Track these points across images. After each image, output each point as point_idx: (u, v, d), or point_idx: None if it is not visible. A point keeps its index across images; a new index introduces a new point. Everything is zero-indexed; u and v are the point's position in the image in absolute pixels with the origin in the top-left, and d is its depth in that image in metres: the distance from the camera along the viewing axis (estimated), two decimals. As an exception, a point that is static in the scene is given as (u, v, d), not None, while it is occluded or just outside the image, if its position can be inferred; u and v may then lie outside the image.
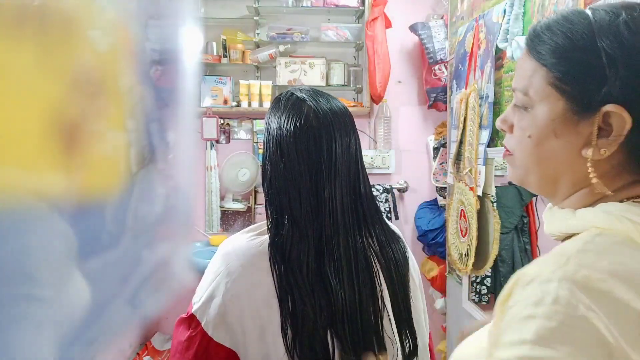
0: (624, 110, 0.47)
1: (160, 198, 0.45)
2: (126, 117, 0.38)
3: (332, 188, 0.74)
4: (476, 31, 1.74)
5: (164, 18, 0.46)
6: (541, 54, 0.52)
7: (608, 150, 0.48)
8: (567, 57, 0.50)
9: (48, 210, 0.30)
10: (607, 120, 0.48)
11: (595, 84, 0.48)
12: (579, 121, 0.49)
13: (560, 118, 0.51)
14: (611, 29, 0.47)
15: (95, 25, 0.34)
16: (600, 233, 0.45)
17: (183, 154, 0.50)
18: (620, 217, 0.45)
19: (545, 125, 0.52)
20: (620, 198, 0.50)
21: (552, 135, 0.52)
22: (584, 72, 0.49)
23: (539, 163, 0.54)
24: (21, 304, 0.28)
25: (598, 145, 0.48)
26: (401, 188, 2.78)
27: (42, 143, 0.29)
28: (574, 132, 0.50)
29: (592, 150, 0.49)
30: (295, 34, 2.64)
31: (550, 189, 0.55)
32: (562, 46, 0.50)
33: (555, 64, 0.50)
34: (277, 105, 0.78)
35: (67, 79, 0.31)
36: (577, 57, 0.49)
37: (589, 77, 0.48)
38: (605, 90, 0.47)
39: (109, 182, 0.37)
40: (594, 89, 0.48)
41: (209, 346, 0.70)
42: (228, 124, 2.71)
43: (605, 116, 0.48)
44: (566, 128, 0.50)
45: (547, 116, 0.52)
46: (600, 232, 0.45)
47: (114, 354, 2.17)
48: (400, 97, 2.76)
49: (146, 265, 0.43)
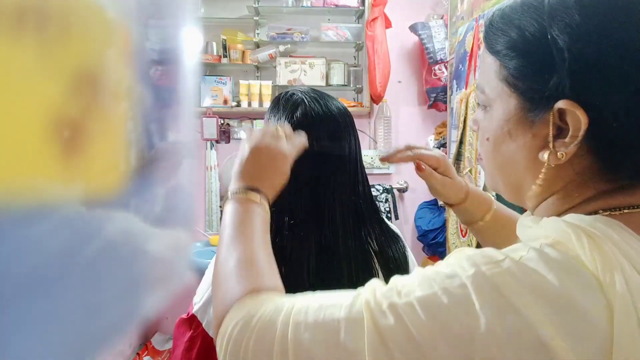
0: (578, 107, 0.40)
1: (160, 198, 0.45)
2: (126, 117, 0.38)
3: (331, 188, 0.74)
4: (476, 31, 1.74)
5: (164, 18, 0.46)
6: (494, 48, 0.47)
7: (567, 153, 0.42)
8: (516, 48, 0.44)
9: (48, 210, 0.30)
10: (564, 118, 0.42)
11: (544, 77, 0.42)
12: (534, 121, 0.44)
13: (514, 118, 0.46)
14: (562, 12, 0.41)
15: (96, 25, 0.34)
16: (550, 244, 0.40)
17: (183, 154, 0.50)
18: (578, 231, 0.40)
19: (500, 126, 0.47)
20: (593, 208, 0.44)
21: (508, 137, 0.47)
22: (534, 65, 0.43)
23: (499, 168, 0.50)
24: (21, 304, 0.28)
25: (555, 148, 0.43)
26: (401, 188, 2.78)
27: (42, 143, 0.29)
28: (529, 133, 0.45)
29: (549, 154, 0.43)
30: (295, 34, 2.64)
31: (518, 196, 0.51)
32: (513, 37, 0.44)
33: (506, 57, 0.45)
34: (276, 106, 0.78)
35: (67, 79, 0.31)
36: (527, 48, 0.43)
37: (538, 70, 0.43)
38: (554, 84, 0.41)
39: (109, 182, 0.37)
40: (543, 83, 0.42)
41: (211, 347, 0.71)
42: (228, 124, 2.71)
43: (561, 114, 0.42)
44: (521, 129, 0.45)
45: (501, 116, 0.47)
46: (551, 244, 0.41)
47: (114, 354, 2.17)
48: (400, 97, 2.76)
49: (146, 266, 0.43)
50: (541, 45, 0.42)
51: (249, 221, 0.59)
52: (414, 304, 0.40)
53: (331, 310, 0.43)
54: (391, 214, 2.67)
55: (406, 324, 0.39)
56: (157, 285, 0.45)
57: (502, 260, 0.40)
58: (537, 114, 0.44)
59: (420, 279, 0.42)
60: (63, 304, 0.32)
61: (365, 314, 0.41)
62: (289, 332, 0.43)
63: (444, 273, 0.41)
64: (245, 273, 0.52)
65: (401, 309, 0.40)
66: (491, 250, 0.42)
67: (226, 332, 0.47)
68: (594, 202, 0.44)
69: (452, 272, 0.41)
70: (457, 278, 0.40)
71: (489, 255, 0.41)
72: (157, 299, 0.43)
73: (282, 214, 0.74)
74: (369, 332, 0.40)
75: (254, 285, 0.51)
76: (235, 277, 0.52)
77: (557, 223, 0.43)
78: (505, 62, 0.46)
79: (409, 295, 0.41)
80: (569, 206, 0.46)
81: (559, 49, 0.41)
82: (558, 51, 0.41)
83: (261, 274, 0.53)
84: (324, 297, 0.46)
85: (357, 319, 0.41)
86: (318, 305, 0.44)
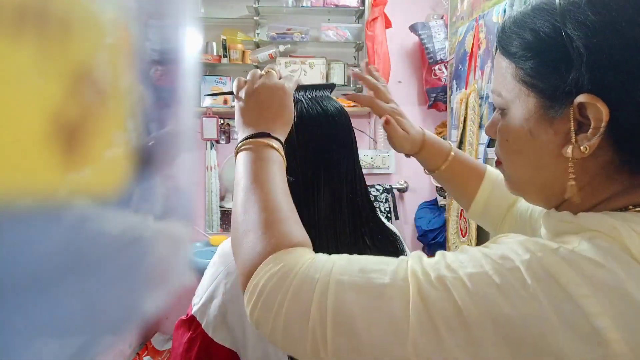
0: (598, 100, 0.42)
1: (160, 198, 0.45)
2: (126, 117, 0.38)
3: (329, 188, 0.74)
4: (476, 31, 1.74)
5: (164, 18, 0.45)
6: (509, 51, 0.48)
7: (590, 146, 0.43)
8: (532, 49, 0.46)
9: (48, 210, 0.30)
10: (585, 113, 0.43)
11: (562, 73, 0.43)
12: (554, 118, 0.45)
13: (533, 116, 0.47)
14: (575, 12, 0.43)
15: (96, 25, 0.34)
16: (601, 237, 0.41)
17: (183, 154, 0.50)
18: (623, 224, 0.41)
19: (520, 126, 0.48)
20: (623, 204, 0.45)
21: (529, 137, 0.47)
22: (550, 63, 0.45)
23: (523, 169, 0.50)
24: (21, 303, 0.28)
25: (577, 142, 0.44)
26: (401, 188, 2.78)
27: (42, 143, 0.29)
28: (550, 130, 0.46)
29: (572, 148, 0.44)
30: (295, 34, 2.64)
31: (543, 196, 0.51)
32: (527, 40, 0.46)
33: (522, 58, 0.47)
34: (276, 105, 0.78)
35: (67, 79, 0.31)
36: (542, 47, 0.45)
37: (555, 67, 0.44)
38: (573, 80, 0.43)
39: (109, 182, 0.37)
40: (562, 79, 0.44)
41: (210, 347, 0.70)
42: (228, 124, 2.71)
43: (581, 108, 0.43)
44: (542, 127, 0.46)
45: (520, 116, 0.48)
46: (601, 237, 0.41)
47: (114, 354, 2.17)
48: (400, 97, 2.76)
49: (146, 266, 0.43)
50: (556, 44, 0.44)
51: (266, 168, 0.56)
52: (464, 279, 0.40)
53: (374, 275, 0.43)
54: (391, 214, 2.67)
55: (454, 298, 0.39)
56: (157, 285, 0.45)
57: (557, 249, 0.40)
58: (557, 110, 0.45)
59: (469, 257, 0.42)
60: (63, 303, 0.32)
61: (411, 282, 0.41)
62: (328, 291, 0.43)
63: (495, 254, 0.41)
64: (271, 224, 0.50)
65: (450, 282, 0.40)
66: (542, 239, 0.42)
67: (258, 284, 0.46)
68: (622, 198, 0.45)
69: (503, 254, 0.41)
70: (509, 261, 0.40)
71: (543, 243, 0.41)
72: (157, 299, 0.43)
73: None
74: (414, 302, 0.40)
75: (284, 238, 0.49)
76: (262, 228, 0.50)
77: (602, 217, 0.44)
78: (521, 63, 0.47)
79: (458, 271, 0.41)
80: (596, 201, 0.47)
81: (575, 46, 0.42)
82: (574, 48, 0.42)
83: (289, 225, 0.51)
84: (363, 260, 0.46)
85: (402, 287, 0.41)
86: (359, 267, 0.44)
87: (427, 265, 0.42)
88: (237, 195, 0.56)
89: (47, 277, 0.30)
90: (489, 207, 0.78)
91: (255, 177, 0.55)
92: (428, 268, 0.42)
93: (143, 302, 0.42)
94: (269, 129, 0.61)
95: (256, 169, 0.56)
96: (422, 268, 0.42)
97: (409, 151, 0.79)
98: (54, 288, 0.31)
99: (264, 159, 0.57)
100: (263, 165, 0.56)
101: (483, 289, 0.39)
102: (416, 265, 0.43)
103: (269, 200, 0.53)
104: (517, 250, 0.41)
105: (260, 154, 0.57)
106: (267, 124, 0.61)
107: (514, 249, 0.41)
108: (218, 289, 0.72)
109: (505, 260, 0.40)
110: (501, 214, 0.78)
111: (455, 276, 0.40)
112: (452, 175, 0.79)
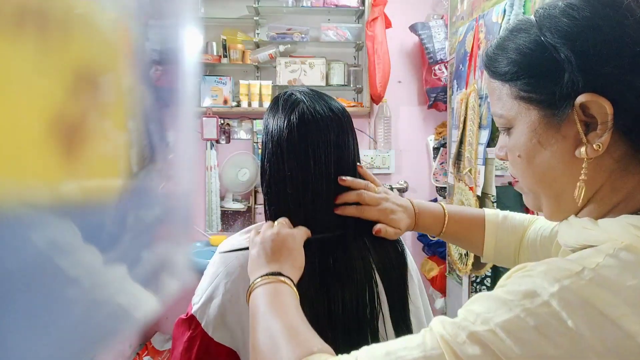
0: (599, 96, 0.43)
1: (160, 198, 0.45)
2: (126, 117, 0.38)
3: (329, 188, 0.74)
4: (476, 31, 1.74)
5: (164, 18, 0.46)
6: (498, 72, 0.50)
7: (602, 143, 0.44)
8: (520, 65, 0.48)
9: (47, 210, 0.30)
10: (588, 112, 0.44)
11: (555, 81, 0.45)
12: (560, 123, 0.46)
13: (540, 127, 0.48)
14: (552, 22, 0.45)
15: (96, 25, 0.34)
16: (624, 248, 0.40)
17: (183, 154, 0.50)
18: None
19: (529, 139, 0.49)
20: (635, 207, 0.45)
21: (539, 147, 0.48)
22: (541, 74, 0.46)
23: (539, 181, 0.51)
24: (21, 304, 0.28)
25: (589, 141, 0.44)
26: (401, 188, 2.78)
27: (42, 143, 0.29)
28: (559, 136, 0.47)
29: (586, 148, 0.45)
30: (295, 34, 2.64)
31: (560, 207, 0.51)
32: (512, 59, 0.48)
33: (513, 76, 0.48)
34: (275, 106, 0.78)
35: (68, 79, 0.31)
36: (529, 63, 0.47)
37: (547, 77, 0.46)
38: (568, 84, 0.44)
39: (109, 182, 0.37)
40: (557, 86, 0.45)
41: (210, 346, 0.71)
42: (228, 124, 2.71)
43: (583, 109, 0.44)
44: (550, 135, 0.47)
45: (526, 130, 0.49)
46: (624, 247, 0.40)
47: (114, 354, 2.17)
48: (400, 97, 2.76)
49: (146, 266, 0.43)
50: (542, 55, 0.46)
51: (281, 297, 0.59)
52: (497, 331, 0.38)
53: (402, 352, 0.42)
54: (391, 214, 2.67)
55: (493, 352, 0.38)
56: (158, 286, 0.45)
57: (581, 272, 0.39)
58: (561, 116, 0.46)
59: (493, 304, 0.40)
60: (63, 303, 0.32)
61: (443, 348, 0.40)
62: None
63: (517, 292, 0.40)
64: (293, 339, 0.52)
65: (483, 336, 0.38)
66: (560, 261, 0.41)
67: None
68: (633, 199, 0.46)
69: (528, 290, 0.39)
70: (537, 297, 0.38)
71: (565, 268, 0.40)
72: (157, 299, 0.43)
73: (281, 214, 0.74)
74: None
75: (307, 349, 0.50)
76: (284, 343, 0.52)
77: (625, 226, 0.43)
78: (513, 82, 0.49)
79: (488, 322, 0.39)
80: (617, 200, 0.47)
81: (561, 53, 0.44)
82: (561, 55, 0.44)
83: (309, 338, 0.52)
84: (382, 345, 0.45)
85: (436, 355, 0.40)
86: (384, 352, 0.43)
87: (453, 326, 0.41)
88: (254, 323, 0.58)
89: (46, 277, 0.30)
90: (500, 248, 0.80)
91: (272, 306, 0.57)
92: (455, 329, 0.40)
93: (143, 303, 0.42)
94: (281, 269, 0.64)
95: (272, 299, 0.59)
96: (449, 330, 0.41)
97: (407, 230, 0.80)
98: (54, 288, 0.31)
99: (278, 291, 0.60)
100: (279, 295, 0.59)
101: (520, 336, 0.37)
102: (441, 329, 0.42)
103: (288, 321, 0.55)
104: (542, 283, 0.39)
105: (275, 287, 0.61)
106: (279, 264, 0.65)
107: (537, 283, 0.40)
108: (218, 288, 0.72)
109: (534, 298, 0.38)
110: (514, 250, 0.79)
111: (487, 328, 0.39)
112: (456, 231, 0.81)
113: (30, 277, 0.29)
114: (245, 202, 2.75)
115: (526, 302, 0.38)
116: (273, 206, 0.75)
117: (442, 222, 0.80)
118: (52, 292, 0.31)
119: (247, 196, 2.75)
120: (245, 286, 0.66)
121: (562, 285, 0.38)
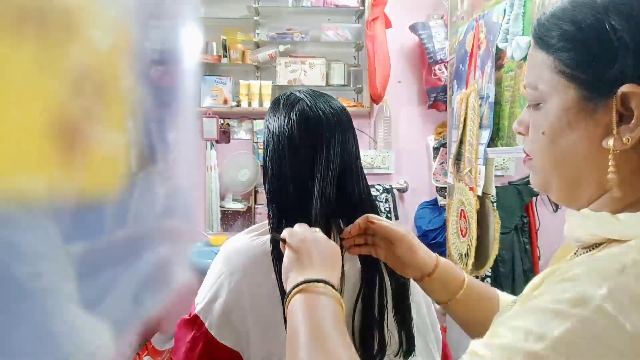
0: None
1: (161, 198, 0.45)
2: (126, 117, 0.38)
3: (331, 187, 0.74)
4: (476, 31, 1.74)
5: (164, 18, 0.45)
6: (547, 43, 0.48)
7: (632, 137, 0.42)
8: (573, 40, 0.45)
9: (47, 210, 0.30)
10: (627, 103, 0.43)
11: (605, 64, 0.43)
12: (595, 109, 0.44)
13: (573, 108, 0.46)
14: (618, 3, 0.43)
15: (96, 25, 0.34)
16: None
17: (183, 154, 0.50)
18: None
19: (558, 117, 0.47)
20: None
21: (567, 128, 0.46)
22: (593, 54, 0.44)
23: (556, 162, 0.49)
24: (19, 304, 0.28)
25: (619, 133, 0.43)
26: (401, 188, 2.78)
27: (42, 143, 0.29)
28: (591, 122, 0.45)
29: (614, 140, 0.43)
30: (295, 34, 2.64)
31: (572, 193, 0.49)
32: (567, 31, 0.46)
33: (561, 50, 0.46)
34: (276, 105, 0.78)
35: (67, 79, 0.31)
36: (584, 39, 0.45)
37: (599, 58, 0.44)
38: (617, 70, 0.43)
39: (109, 182, 0.37)
40: (605, 70, 0.43)
41: (213, 347, 0.71)
42: (228, 124, 2.71)
43: (623, 99, 0.43)
44: (582, 118, 0.45)
45: (559, 107, 0.47)
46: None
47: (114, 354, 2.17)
48: (400, 97, 2.76)
49: (146, 266, 0.43)
50: (599, 35, 0.44)
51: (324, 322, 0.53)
52: (555, 346, 0.36)
53: None
54: (391, 214, 2.67)
55: None
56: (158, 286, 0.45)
57: (622, 270, 0.38)
58: (598, 101, 0.44)
59: (541, 316, 0.39)
60: (63, 303, 0.32)
61: None
62: None
63: (566, 300, 0.38)
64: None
65: (544, 356, 0.36)
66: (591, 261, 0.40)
67: None
68: None
69: (577, 296, 0.38)
70: (589, 303, 0.37)
71: (605, 267, 0.39)
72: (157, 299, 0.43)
73: (282, 212, 0.74)
74: None
75: None
76: None
77: None
78: (561, 54, 0.46)
79: (544, 338, 0.37)
80: (634, 198, 0.46)
81: (620, 37, 0.42)
82: (619, 39, 0.42)
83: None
84: None
85: None
86: None
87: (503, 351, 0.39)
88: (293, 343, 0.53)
89: (45, 277, 0.30)
90: None
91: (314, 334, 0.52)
92: (507, 353, 0.38)
93: (143, 303, 0.42)
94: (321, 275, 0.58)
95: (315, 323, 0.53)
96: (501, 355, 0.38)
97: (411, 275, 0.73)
98: (54, 287, 0.31)
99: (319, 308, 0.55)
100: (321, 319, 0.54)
101: (580, 348, 0.36)
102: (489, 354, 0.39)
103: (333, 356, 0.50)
104: (589, 286, 0.38)
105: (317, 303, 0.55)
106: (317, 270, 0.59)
107: (583, 287, 0.38)
108: (222, 288, 0.72)
109: (585, 304, 0.37)
110: None
111: (544, 345, 0.37)
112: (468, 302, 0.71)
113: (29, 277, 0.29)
114: (245, 202, 2.75)
115: (578, 310, 0.37)
116: (275, 204, 0.76)
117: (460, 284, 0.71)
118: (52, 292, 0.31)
119: (247, 196, 2.75)
120: (249, 285, 0.66)
121: (610, 286, 0.37)
